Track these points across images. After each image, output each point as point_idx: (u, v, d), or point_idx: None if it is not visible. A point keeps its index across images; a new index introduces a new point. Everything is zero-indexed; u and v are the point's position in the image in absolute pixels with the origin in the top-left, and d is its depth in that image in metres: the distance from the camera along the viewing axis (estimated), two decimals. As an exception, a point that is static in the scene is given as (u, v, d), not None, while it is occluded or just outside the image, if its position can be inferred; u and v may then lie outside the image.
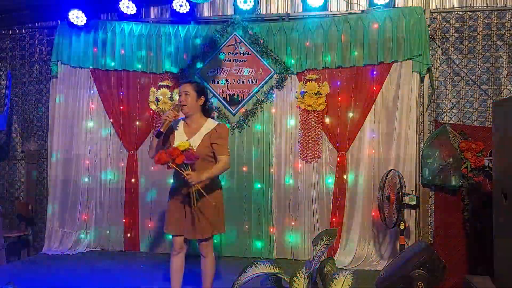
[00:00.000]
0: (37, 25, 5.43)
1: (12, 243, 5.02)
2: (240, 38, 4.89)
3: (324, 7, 4.74)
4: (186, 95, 3.00)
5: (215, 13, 5.09)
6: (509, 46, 4.52)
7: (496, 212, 3.31)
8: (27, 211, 5.22)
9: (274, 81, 4.83)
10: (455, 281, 4.09)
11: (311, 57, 4.71)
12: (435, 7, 4.66)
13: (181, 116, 3.08)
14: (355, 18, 4.65)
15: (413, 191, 4.37)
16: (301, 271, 2.59)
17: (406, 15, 4.52)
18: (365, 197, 4.60)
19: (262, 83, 4.85)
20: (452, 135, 4.45)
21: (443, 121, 4.62)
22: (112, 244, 5.06)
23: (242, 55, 4.89)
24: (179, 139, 2.98)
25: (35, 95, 5.44)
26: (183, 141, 2.88)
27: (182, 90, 3.03)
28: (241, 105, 4.89)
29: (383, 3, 4.61)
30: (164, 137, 2.99)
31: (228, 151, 3.03)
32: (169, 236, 3.99)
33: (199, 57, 4.96)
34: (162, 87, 4.96)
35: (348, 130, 4.65)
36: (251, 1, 4.79)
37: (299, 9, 4.89)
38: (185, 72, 4.97)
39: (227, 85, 4.92)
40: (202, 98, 3.06)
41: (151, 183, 5.01)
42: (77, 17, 4.91)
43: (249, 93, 4.87)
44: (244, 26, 4.85)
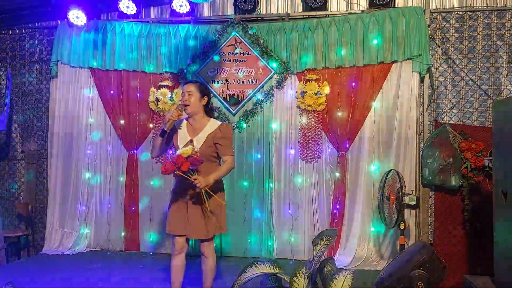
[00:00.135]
0: (37, 25, 5.43)
1: (12, 243, 5.02)
2: (240, 38, 4.89)
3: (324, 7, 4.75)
4: (189, 95, 3.00)
5: (215, 13, 5.09)
6: (509, 46, 4.53)
7: (496, 212, 3.31)
8: (27, 211, 5.23)
9: (274, 81, 4.83)
10: (455, 281, 4.10)
11: (311, 57, 4.72)
12: (435, 7, 4.67)
13: (184, 116, 3.08)
14: (355, 18, 4.65)
15: (413, 191, 4.38)
16: (301, 271, 2.60)
17: (406, 15, 4.52)
18: (365, 197, 4.61)
19: (262, 83, 4.85)
20: (452, 135, 4.45)
21: (443, 121, 4.62)
22: (112, 244, 5.06)
23: (242, 55, 4.89)
24: (182, 139, 2.99)
25: (35, 95, 5.44)
26: (186, 146, 2.88)
27: (185, 90, 3.02)
28: (241, 105, 4.89)
29: (383, 3, 4.60)
30: (167, 137, 3.00)
31: (232, 151, 3.05)
32: (169, 236, 3.99)
33: (199, 57, 4.95)
34: (162, 87, 4.96)
35: (348, 130, 4.65)
36: (251, 1, 4.78)
37: (299, 9, 4.90)
38: (185, 72, 4.97)
39: (227, 85, 4.92)
40: (205, 98, 3.06)
41: (151, 183, 5.01)
42: (77, 17, 4.90)
43: (249, 93, 4.87)
44: (244, 26, 4.85)
